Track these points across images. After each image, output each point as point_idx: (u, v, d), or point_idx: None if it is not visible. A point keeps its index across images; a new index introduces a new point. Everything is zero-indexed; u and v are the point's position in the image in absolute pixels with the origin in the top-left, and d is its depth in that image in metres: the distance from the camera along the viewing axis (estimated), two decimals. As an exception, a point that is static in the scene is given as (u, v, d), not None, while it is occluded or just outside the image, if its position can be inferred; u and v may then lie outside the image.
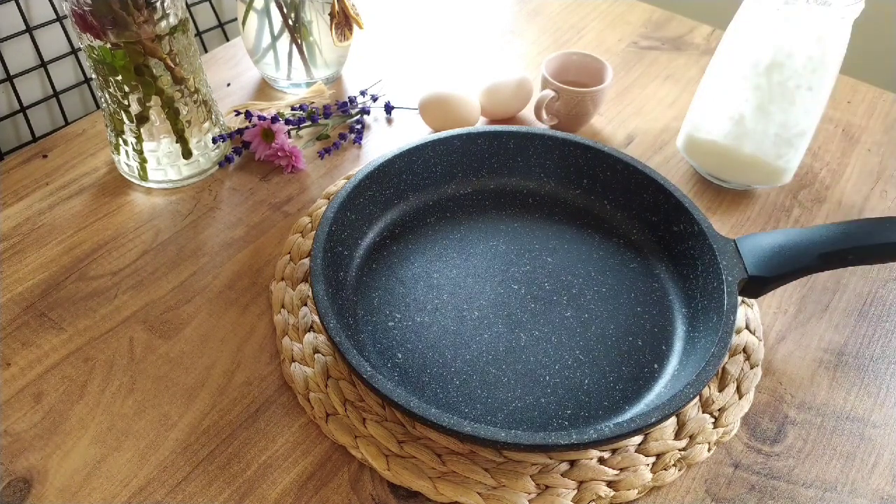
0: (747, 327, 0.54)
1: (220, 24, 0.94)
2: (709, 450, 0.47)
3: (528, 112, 0.73)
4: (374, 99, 0.73)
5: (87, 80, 0.83)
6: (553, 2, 0.90)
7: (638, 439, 0.48)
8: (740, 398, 0.50)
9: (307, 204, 0.64)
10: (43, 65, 0.78)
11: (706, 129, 0.63)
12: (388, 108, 0.72)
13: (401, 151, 0.59)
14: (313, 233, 0.59)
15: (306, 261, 0.57)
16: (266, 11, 0.68)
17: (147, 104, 0.58)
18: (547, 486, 0.45)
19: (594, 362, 0.51)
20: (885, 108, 0.75)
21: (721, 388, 0.50)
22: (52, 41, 0.79)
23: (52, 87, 0.80)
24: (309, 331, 0.53)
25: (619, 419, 0.48)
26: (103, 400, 0.49)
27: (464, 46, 0.83)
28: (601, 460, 0.46)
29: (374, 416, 0.48)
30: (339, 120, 0.71)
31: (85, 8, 0.52)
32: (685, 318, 0.53)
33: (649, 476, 0.46)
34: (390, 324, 0.53)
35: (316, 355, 0.51)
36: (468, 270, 0.57)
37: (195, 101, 0.61)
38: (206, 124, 0.63)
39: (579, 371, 0.50)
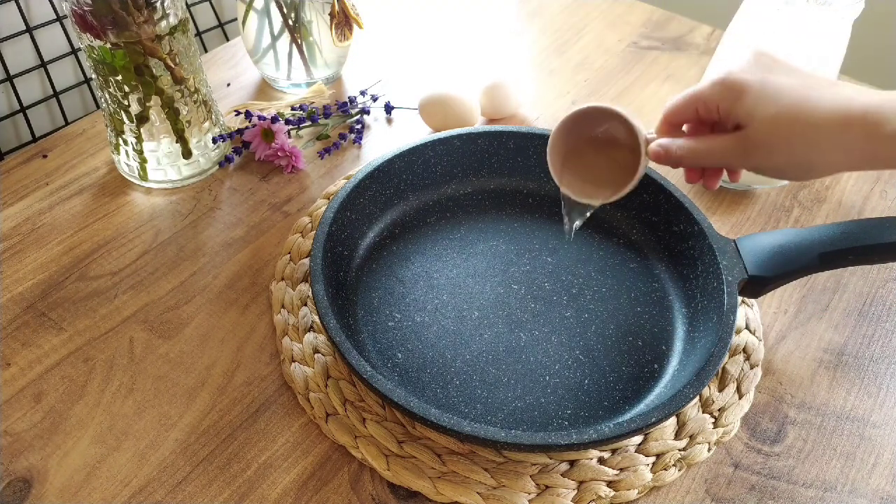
0: (747, 327, 0.54)
1: (220, 24, 0.94)
2: (709, 450, 0.47)
3: (527, 112, 0.73)
4: (374, 99, 0.73)
5: (87, 80, 0.83)
6: (553, 2, 0.90)
7: (638, 439, 0.48)
8: (740, 398, 0.50)
9: (307, 204, 0.64)
10: (43, 65, 0.78)
11: (706, 129, 0.63)
12: (388, 108, 0.72)
13: (401, 151, 0.59)
14: (313, 233, 0.59)
15: (306, 261, 0.57)
16: (266, 11, 0.68)
17: (147, 104, 0.58)
18: (547, 486, 0.45)
19: (594, 362, 0.51)
20: (885, 108, 0.75)
21: (721, 388, 0.50)
22: (52, 41, 0.79)
23: (52, 87, 0.80)
24: (309, 331, 0.53)
25: (619, 419, 0.48)
26: (103, 400, 0.49)
27: (464, 46, 0.83)
28: (601, 460, 0.46)
29: (374, 416, 0.48)
30: (339, 120, 0.71)
31: (85, 8, 0.52)
32: (685, 318, 0.53)
33: (649, 476, 0.46)
34: (390, 324, 0.53)
35: (316, 355, 0.51)
36: (468, 270, 0.57)
37: (195, 101, 0.61)
38: (206, 124, 0.63)
39: (579, 371, 0.50)
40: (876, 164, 0.39)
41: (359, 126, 0.70)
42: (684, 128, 0.46)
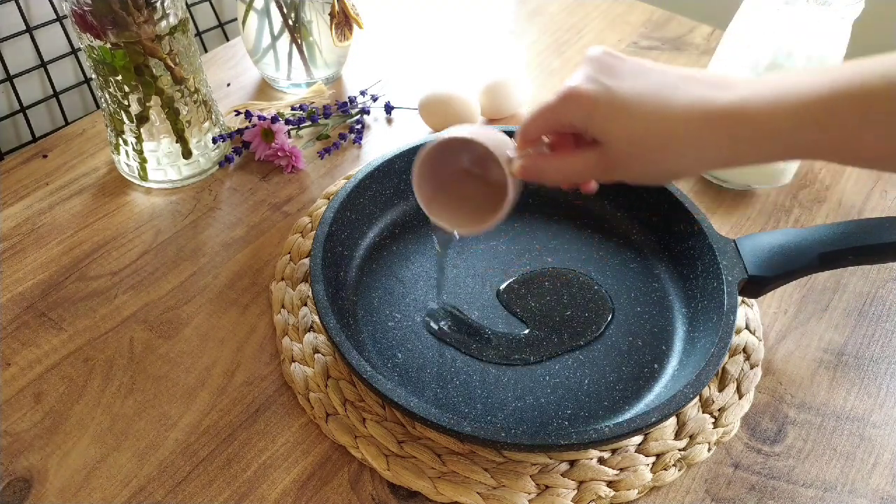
0: (747, 327, 0.54)
1: (220, 24, 0.94)
2: (709, 450, 0.47)
3: (527, 112, 0.73)
4: (374, 99, 0.73)
5: (87, 80, 0.83)
6: (553, 2, 0.90)
7: (638, 439, 0.48)
8: (740, 398, 0.50)
9: (307, 204, 0.64)
10: (43, 65, 0.78)
11: (706, 129, 0.63)
12: (388, 108, 0.72)
13: (401, 151, 0.59)
14: (313, 233, 0.59)
15: (306, 261, 0.57)
16: (266, 11, 0.68)
17: (147, 104, 0.58)
18: (547, 486, 0.45)
19: (594, 362, 0.51)
20: (885, 108, 0.75)
21: (721, 388, 0.50)
22: (52, 41, 0.79)
23: (52, 87, 0.80)
24: (309, 331, 0.53)
25: (619, 419, 0.48)
26: (103, 400, 0.49)
27: (464, 46, 0.83)
28: (601, 460, 0.46)
29: (374, 416, 0.48)
30: (339, 120, 0.71)
31: (85, 8, 0.52)
32: (685, 318, 0.53)
33: (649, 476, 0.46)
34: (390, 324, 0.53)
35: (316, 355, 0.51)
36: (468, 270, 0.57)
37: (195, 101, 0.61)
38: (206, 124, 0.63)
39: (579, 371, 0.50)
40: (739, 163, 0.37)
41: (359, 126, 0.70)
42: (546, 139, 0.43)
